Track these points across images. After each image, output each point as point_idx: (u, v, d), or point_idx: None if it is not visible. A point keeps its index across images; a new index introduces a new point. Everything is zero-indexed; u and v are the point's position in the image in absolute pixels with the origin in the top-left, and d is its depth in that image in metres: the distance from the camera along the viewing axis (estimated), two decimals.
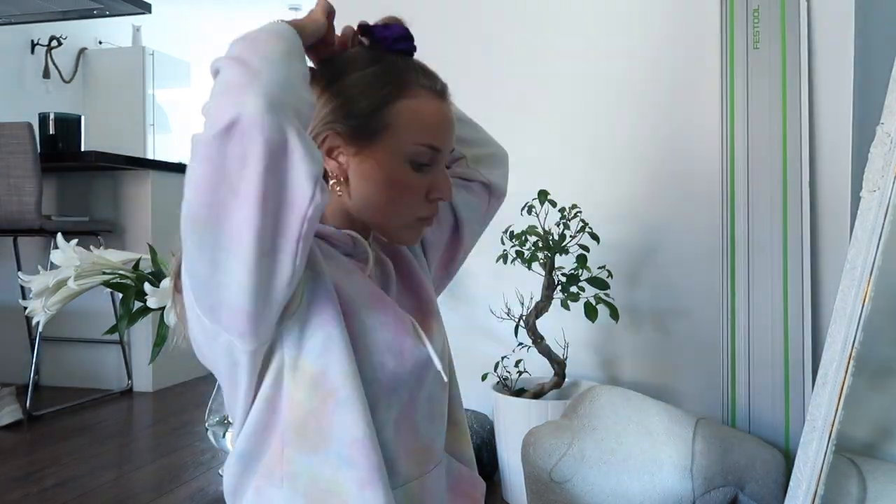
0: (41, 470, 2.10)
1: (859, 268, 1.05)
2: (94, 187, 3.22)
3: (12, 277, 2.78)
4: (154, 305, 1.59)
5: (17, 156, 2.72)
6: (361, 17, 0.92)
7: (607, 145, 1.99)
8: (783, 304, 1.73)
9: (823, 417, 1.06)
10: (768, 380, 1.73)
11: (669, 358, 1.93)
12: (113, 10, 3.60)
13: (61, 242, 1.62)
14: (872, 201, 1.06)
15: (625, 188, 1.96)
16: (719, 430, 1.57)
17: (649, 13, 1.94)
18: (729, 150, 1.80)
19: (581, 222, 1.75)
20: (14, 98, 4.40)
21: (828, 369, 1.08)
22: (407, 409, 0.81)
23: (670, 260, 1.93)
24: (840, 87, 1.76)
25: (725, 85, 1.81)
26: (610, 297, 1.73)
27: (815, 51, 1.77)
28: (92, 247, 1.70)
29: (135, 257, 1.71)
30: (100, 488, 1.92)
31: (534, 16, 2.05)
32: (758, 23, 1.78)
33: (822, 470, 1.06)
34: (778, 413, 1.72)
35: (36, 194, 2.73)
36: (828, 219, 1.77)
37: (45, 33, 4.62)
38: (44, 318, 1.62)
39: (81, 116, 3.45)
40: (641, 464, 1.47)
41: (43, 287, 1.60)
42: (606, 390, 1.63)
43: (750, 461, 1.52)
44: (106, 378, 3.15)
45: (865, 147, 1.11)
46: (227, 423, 1.90)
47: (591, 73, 2.00)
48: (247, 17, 5.77)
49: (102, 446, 2.35)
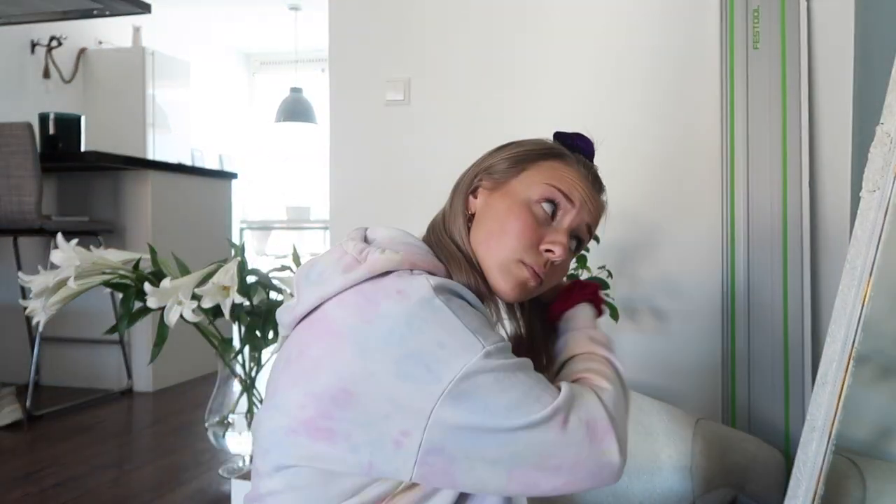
0: (41, 470, 2.10)
1: (859, 268, 1.05)
2: (94, 187, 3.22)
3: (12, 277, 2.78)
4: (154, 305, 1.59)
5: (17, 156, 2.72)
6: (366, 19, 0.92)
7: (607, 145, 1.98)
8: (783, 304, 1.73)
9: (823, 417, 1.06)
10: (768, 380, 1.73)
11: (669, 358, 1.93)
12: (113, 10, 3.60)
13: (61, 242, 1.62)
14: (872, 201, 1.06)
15: (625, 188, 1.96)
16: (719, 430, 1.57)
17: (649, 13, 1.94)
18: (729, 150, 1.80)
19: None
20: (14, 98, 4.40)
21: (828, 369, 1.07)
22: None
23: (670, 260, 1.93)
24: (840, 87, 1.76)
25: (725, 85, 1.81)
26: (610, 297, 1.73)
27: (815, 51, 1.77)
28: (92, 247, 1.70)
29: (135, 257, 1.71)
30: (100, 488, 1.92)
31: (534, 16, 2.05)
32: (758, 23, 1.78)
33: (822, 470, 1.06)
34: (778, 413, 1.72)
35: (36, 194, 2.73)
36: (828, 219, 1.77)
37: (45, 33, 4.62)
38: (44, 317, 1.62)
39: (81, 116, 3.44)
40: (641, 464, 1.47)
41: (43, 287, 1.60)
42: None
43: (750, 461, 1.52)
44: (106, 378, 3.15)
45: (865, 147, 1.10)
46: (227, 424, 1.90)
47: (591, 72, 2.00)
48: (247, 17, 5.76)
49: (102, 446, 2.35)
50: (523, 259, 0.83)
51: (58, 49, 4.74)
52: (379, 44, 2.18)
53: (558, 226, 0.85)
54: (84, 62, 5.06)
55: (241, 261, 1.67)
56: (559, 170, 0.86)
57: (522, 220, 0.83)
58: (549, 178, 0.85)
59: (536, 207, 0.84)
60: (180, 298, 1.58)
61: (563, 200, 0.85)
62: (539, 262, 0.83)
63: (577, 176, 0.87)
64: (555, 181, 0.85)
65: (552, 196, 0.85)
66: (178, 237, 3.19)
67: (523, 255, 0.83)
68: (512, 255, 0.83)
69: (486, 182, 0.88)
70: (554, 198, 0.85)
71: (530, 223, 0.83)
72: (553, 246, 0.83)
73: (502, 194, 0.86)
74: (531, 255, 0.83)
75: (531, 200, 0.84)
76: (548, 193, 0.84)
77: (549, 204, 0.84)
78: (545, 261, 0.83)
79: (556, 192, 0.84)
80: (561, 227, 0.85)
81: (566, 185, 0.85)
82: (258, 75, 6.92)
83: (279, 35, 6.03)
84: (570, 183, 0.86)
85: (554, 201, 0.85)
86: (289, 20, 5.59)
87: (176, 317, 1.58)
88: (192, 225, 3.38)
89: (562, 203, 0.85)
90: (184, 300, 1.58)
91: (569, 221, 0.85)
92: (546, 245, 0.83)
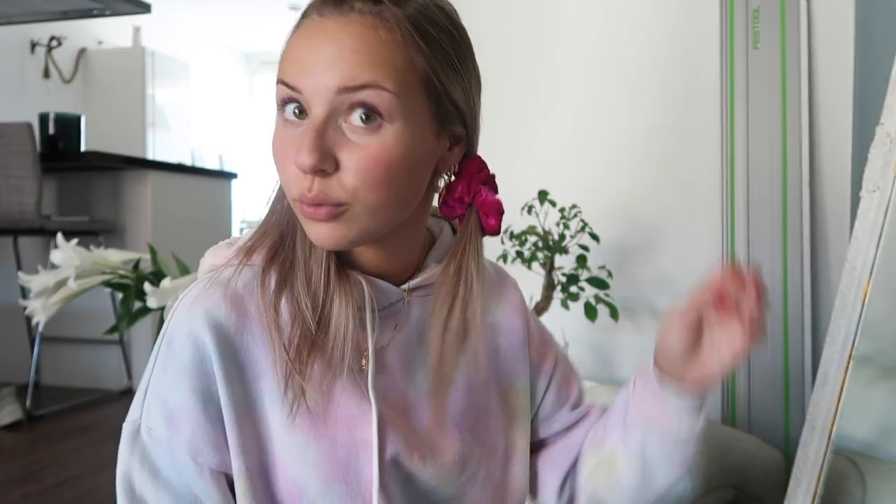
0: (41, 470, 2.10)
1: (859, 268, 1.05)
2: (94, 187, 3.22)
3: (12, 277, 2.79)
4: (154, 305, 1.59)
5: (17, 156, 2.72)
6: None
7: (607, 145, 1.99)
8: (783, 304, 1.73)
9: (823, 417, 1.06)
10: (768, 380, 1.73)
11: None
12: (113, 10, 3.60)
13: (61, 242, 1.62)
14: (872, 201, 1.06)
15: (625, 188, 1.96)
16: (719, 430, 1.57)
17: (648, 13, 1.94)
18: (729, 150, 1.80)
19: (581, 222, 1.75)
20: (14, 98, 4.40)
21: (828, 369, 1.08)
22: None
23: (670, 260, 1.93)
24: (840, 87, 1.76)
25: (725, 85, 1.81)
26: (610, 297, 1.73)
27: (815, 51, 1.77)
28: (92, 247, 1.70)
29: (135, 257, 1.71)
30: (100, 488, 1.92)
31: (534, 17, 2.05)
32: (758, 23, 1.78)
33: (822, 470, 1.06)
34: (778, 413, 1.72)
35: (36, 194, 2.73)
36: (828, 219, 1.77)
37: (45, 33, 4.63)
38: (44, 317, 1.62)
39: (81, 116, 3.45)
40: None
41: (43, 287, 1.60)
42: (606, 390, 1.63)
43: (750, 461, 1.52)
44: (106, 378, 3.15)
45: (865, 147, 1.11)
46: None
47: (591, 73, 2.00)
48: (247, 18, 5.77)
49: (102, 446, 2.35)
50: (293, 195, 0.59)
51: (58, 49, 4.74)
52: None
53: (307, 128, 0.58)
54: (84, 62, 5.06)
55: None
56: (286, 53, 0.61)
57: (274, 144, 0.61)
58: (279, 73, 0.61)
59: (280, 121, 0.61)
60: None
61: (292, 92, 0.58)
62: (303, 187, 0.58)
63: (299, 41, 0.60)
64: (280, 73, 0.60)
65: (281, 96, 0.59)
66: (178, 237, 3.20)
67: (290, 190, 0.60)
68: (289, 193, 0.60)
69: None
70: (284, 96, 0.59)
71: (278, 148, 0.60)
72: (297, 156, 0.57)
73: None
74: (294, 184, 0.59)
75: (279, 114, 0.61)
76: (278, 96, 0.60)
77: (290, 105, 0.59)
78: (310, 181, 0.57)
79: (281, 87, 0.59)
80: (311, 127, 0.57)
81: (285, 68, 0.60)
82: (258, 75, 6.92)
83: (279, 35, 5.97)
84: (290, 61, 0.59)
85: (288, 100, 0.59)
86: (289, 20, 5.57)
87: None
88: (192, 225, 3.38)
89: (294, 97, 0.58)
90: None
91: (312, 109, 0.58)
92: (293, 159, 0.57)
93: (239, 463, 0.61)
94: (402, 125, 0.58)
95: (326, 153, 0.56)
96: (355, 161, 0.57)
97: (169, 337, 0.62)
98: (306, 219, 0.59)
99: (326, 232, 0.59)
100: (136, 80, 5.05)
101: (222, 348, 0.61)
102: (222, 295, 0.62)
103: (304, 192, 0.57)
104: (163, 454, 0.61)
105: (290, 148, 0.58)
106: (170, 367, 0.61)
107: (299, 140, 0.57)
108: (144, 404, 0.62)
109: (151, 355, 0.64)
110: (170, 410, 0.61)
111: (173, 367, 0.61)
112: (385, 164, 0.58)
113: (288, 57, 0.60)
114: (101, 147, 4.03)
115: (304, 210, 0.59)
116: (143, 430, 0.62)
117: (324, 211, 0.58)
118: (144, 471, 0.61)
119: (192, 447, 0.60)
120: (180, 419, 0.60)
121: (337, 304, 0.62)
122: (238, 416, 0.61)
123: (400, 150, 0.58)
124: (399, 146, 0.58)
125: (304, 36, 0.59)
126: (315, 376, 0.62)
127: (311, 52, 0.57)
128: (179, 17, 5.58)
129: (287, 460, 0.61)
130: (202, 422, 0.60)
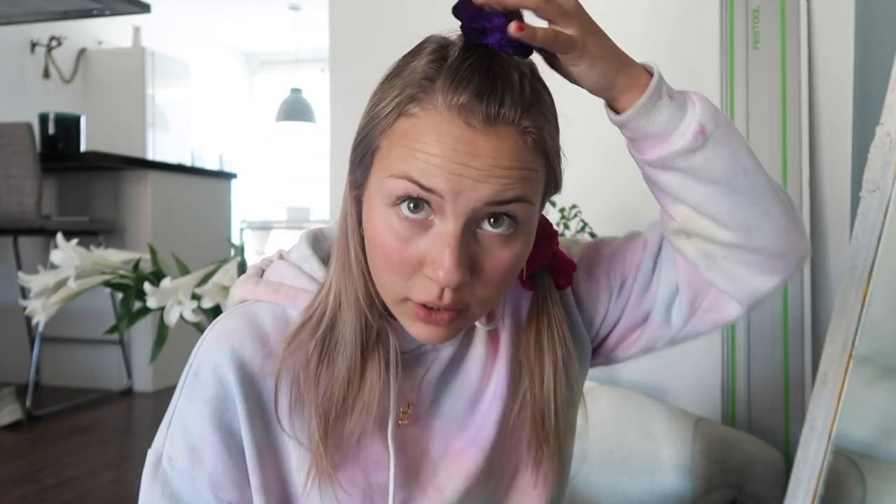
0: (41, 470, 2.10)
1: (859, 268, 1.05)
2: (94, 187, 3.22)
3: (12, 277, 2.78)
4: (154, 305, 1.59)
5: (17, 156, 2.72)
6: (366, 19, 0.89)
7: (607, 145, 1.98)
8: (783, 304, 1.73)
9: (823, 417, 1.06)
10: (768, 380, 1.73)
11: (669, 358, 1.93)
12: (113, 10, 3.60)
13: (61, 242, 1.62)
14: (872, 201, 1.06)
15: (625, 188, 1.96)
16: (719, 430, 1.57)
17: (648, 13, 1.94)
18: None
19: (581, 222, 1.75)
20: (14, 98, 4.40)
21: (828, 369, 1.08)
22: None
23: None
24: (840, 87, 1.76)
25: (725, 85, 1.81)
26: None
27: (815, 51, 1.77)
28: (92, 247, 1.70)
29: (135, 257, 1.71)
30: (100, 488, 1.92)
31: (534, 18, 2.04)
32: (758, 23, 1.78)
33: (822, 470, 1.06)
34: (778, 413, 1.72)
35: (36, 194, 2.73)
36: (828, 219, 1.77)
37: (45, 33, 4.62)
38: (44, 317, 1.62)
39: (81, 116, 3.45)
40: (641, 464, 1.47)
41: (43, 287, 1.60)
42: (606, 390, 1.63)
43: (749, 461, 1.52)
44: (106, 378, 3.15)
45: (865, 147, 1.10)
46: None
47: None
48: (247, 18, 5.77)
49: (102, 446, 2.35)
50: (408, 294, 0.56)
51: (58, 49, 4.74)
52: (379, 44, 2.17)
53: (439, 230, 0.54)
54: (84, 62, 5.06)
55: (241, 261, 1.67)
56: (410, 138, 0.53)
57: (382, 245, 0.55)
58: (398, 163, 0.54)
59: (393, 216, 0.55)
60: (180, 298, 1.58)
61: (424, 193, 0.53)
62: (430, 291, 0.55)
63: (427, 128, 0.53)
64: (404, 166, 0.53)
65: (406, 192, 0.53)
66: (178, 237, 3.20)
67: (405, 289, 0.56)
68: (395, 293, 0.57)
69: (350, 180, 0.61)
70: (409, 194, 0.53)
71: (392, 247, 0.55)
72: (434, 272, 0.53)
73: (367, 199, 0.58)
74: (417, 287, 0.56)
75: (387, 206, 0.55)
76: (398, 190, 0.54)
77: (410, 202, 0.54)
78: (440, 290, 0.54)
79: (410, 184, 0.53)
80: (448, 231, 0.53)
81: (419, 166, 0.53)
82: (258, 75, 6.92)
83: (279, 35, 6.03)
84: (426, 158, 0.53)
85: (413, 198, 0.54)
86: (289, 20, 5.59)
87: (176, 317, 1.58)
88: (192, 225, 3.38)
89: (424, 197, 0.53)
90: (184, 300, 1.58)
91: (452, 218, 0.53)
92: (428, 272, 0.54)
93: (261, 502, 0.62)
94: (531, 226, 0.59)
95: (467, 266, 0.54)
96: (489, 272, 0.56)
97: (196, 368, 0.63)
98: (416, 319, 0.57)
99: (438, 333, 0.57)
100: (136, 80, 5.05)
101: (246, 388, 0.61)
102: (249, 334, 0.63)
103: (434, 300, 0.55)
104: (184, 484, 0.62)
105: (410, 249, 0.55)
106: (195, 398, 0.62)
107: (427, 245, 0.54)
108: (168, 433, 0.63)
109: (179, 382, 0.64)
110: (193, 442, 0.61)
111: (198, 398, 0.62)
112: (515, 269, 0.58)
113: (419, 155, 0.53)
114: (101, 147, 4.03)
115: (418, 312, 0.56)
116: (165, 459, 0.63)
117: (447, 316, 0.56)
118: (165, 499, 0.62)
119: (213, 481, 0.61)
120: (203, 451, 0.61)
121: (370, 371, 0.61)
122: (260, 456, 0.62)
123: (526, 249, 0.59)
124: (526, 247, 0.58)
125: (450, 139, 0.53)
126: (338, 429, 0.62)
127: (459, 163, 0.52)
128: (179, 17, 5.58)
129: (307, 503, 0.63)
130: (224, 457, 0.61)
